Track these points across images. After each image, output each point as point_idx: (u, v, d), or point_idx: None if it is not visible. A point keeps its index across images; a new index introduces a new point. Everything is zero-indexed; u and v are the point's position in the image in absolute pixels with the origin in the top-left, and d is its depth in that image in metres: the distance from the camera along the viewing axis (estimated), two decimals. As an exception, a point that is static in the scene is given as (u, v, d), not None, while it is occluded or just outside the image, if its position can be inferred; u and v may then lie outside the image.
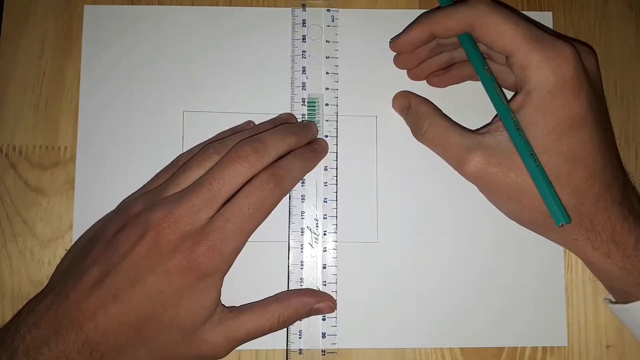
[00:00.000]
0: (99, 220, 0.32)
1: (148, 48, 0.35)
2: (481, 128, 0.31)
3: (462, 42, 0.30)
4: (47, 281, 0.31)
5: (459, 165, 0.29)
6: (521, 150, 0.27)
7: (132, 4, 0.35)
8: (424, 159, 0.34)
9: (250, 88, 0.35)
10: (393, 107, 0.34)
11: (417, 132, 0.31)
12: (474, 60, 0.29)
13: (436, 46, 0.32)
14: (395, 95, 0.34)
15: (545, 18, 0.36)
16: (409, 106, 0.32)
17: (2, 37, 0.35)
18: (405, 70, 0.35)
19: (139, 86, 0.34)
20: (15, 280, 0.33)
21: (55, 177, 0.34)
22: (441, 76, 0.34)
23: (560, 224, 0.26)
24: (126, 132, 0.34)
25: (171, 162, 0.32)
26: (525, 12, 0.36)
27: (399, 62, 0.34)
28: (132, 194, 0.32)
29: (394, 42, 0.32)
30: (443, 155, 0.30)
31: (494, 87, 0.28)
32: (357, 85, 0.35)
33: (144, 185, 0.32)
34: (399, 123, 0.35)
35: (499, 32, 0.27)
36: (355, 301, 0.33)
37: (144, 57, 0.35)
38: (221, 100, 0.34)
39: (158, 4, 0.35)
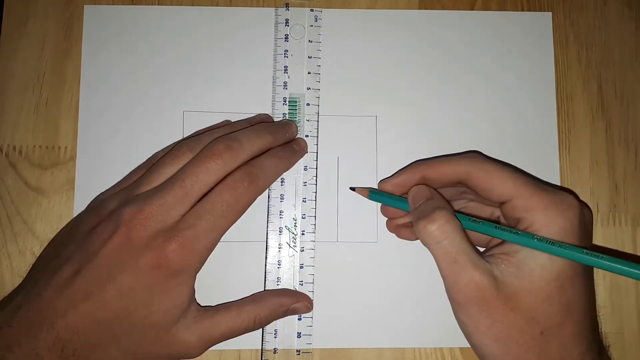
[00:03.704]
0: (73, 218, 0.32)
1: (148, 48, 0.35)
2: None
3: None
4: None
5: (458, 281, 0.25)
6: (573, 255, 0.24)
7: (132, 4, 0.35)
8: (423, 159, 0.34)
9: (250, 88, 0.35)
10: (411, 198, 0.28)
11: (429, 222, 0.26)
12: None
13: None
14: (416, 188, 0.29)
15: (545, 18, 0.36)
16: (431, 197, 0.28)
17: (3, 37, 0.35)
18: (407, 72, 0.35)
19: (139, 86, 0.34)
20: (16, 280, 0.33)
21: (56, 177, 0.34)
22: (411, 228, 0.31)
23: None
24: (126, 132, 0.34)
25: (146, 160, 0.32)
26: (524, 12, 0.36)
27: (384, 209, 0.33)
28: (105, 191, 0.32)
29: (384, 182, 0.31)
30: (445, 263, 0.25)
31: (496, 228, 0.26)
32: (357, 85, 0.35)
33: (117, 183, 0.32)
34: (399, 123, 0.35)
35: (499, 177, 0.27)
36: (355, 301, 0.33)
37: (144, 57, 0.35)
38: (221, 100, 0.34)
39: (158, 4, 0.35)
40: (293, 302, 0.31)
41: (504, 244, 0.26)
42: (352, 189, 0.33)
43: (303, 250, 0.33)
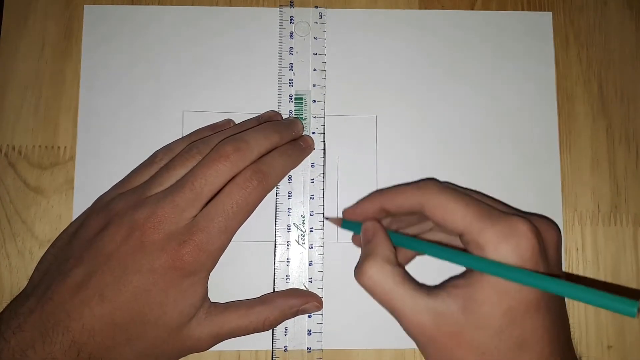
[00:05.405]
0: (76, 219, 0.32)
1: (148, 48, 0.35)
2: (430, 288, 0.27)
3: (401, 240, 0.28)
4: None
5: (402, 323, 0.26)
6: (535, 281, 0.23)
7: (132, 4, 0.35)
8: (423, 159, 0.34)
9: (249, 87, 0.35)
10: (361, 236, 0.29)
11: (360, 273, 0.26)
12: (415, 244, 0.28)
13: (390, 222, 0.31)
14: (365, 224, 0.29)
15: (545, 18, 0.36)
16: (371, 239, 0.28)
17: (2, 37, 0.35)
18: (407, 72, 0.35)
19: (139, 86, 0.34)
20: (15, 280, 0.32)
21: (55, 177, 0.34)
22: None
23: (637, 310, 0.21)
24: (126, 132, 0.34)
25: (148, 159, 0.32)
26: (525, 12, 0.36)
27: (355, 240, 0.33)
28: (107, 192, 0.31)
29: (346, 210, 0.31)
30: (386, 308, 0.26)
31: (448, 251, 0.26)
32: (358, 85, 0.35)
33: (119, 183, 0.31)
34: (399, 123, 0.35)
35: (449, 211, 0.26)
36: (355, 301, 0.33)
37: (144, 57, 0.35)
38: (221, 100, 0.34)
39: (158, 4, 0.35)
40: (302, 303, 0.31)
41: (456, 277, 0.26)
42: (326, 218, 0.33)
43: (312, 247, 0.33)
